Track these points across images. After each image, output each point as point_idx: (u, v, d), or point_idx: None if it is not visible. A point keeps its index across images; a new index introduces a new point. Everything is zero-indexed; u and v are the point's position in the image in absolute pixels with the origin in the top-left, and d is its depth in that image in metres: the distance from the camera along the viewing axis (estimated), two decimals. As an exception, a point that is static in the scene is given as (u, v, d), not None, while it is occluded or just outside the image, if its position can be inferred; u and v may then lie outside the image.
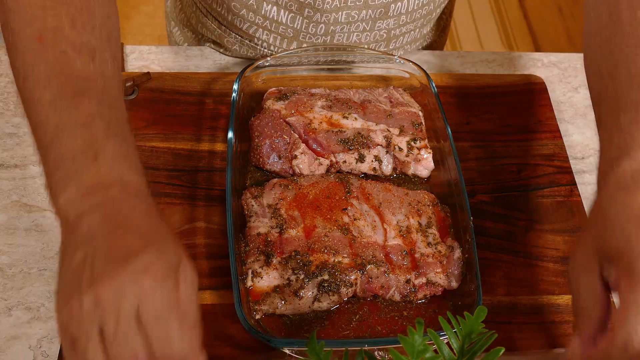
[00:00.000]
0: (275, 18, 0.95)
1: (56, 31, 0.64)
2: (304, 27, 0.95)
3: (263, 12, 0.95)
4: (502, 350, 0.56)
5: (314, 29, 0.95)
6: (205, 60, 1.02)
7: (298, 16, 0.94)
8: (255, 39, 0.99)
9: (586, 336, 0.59)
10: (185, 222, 0.83)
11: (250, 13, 0.95)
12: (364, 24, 0.96)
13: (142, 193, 0.60)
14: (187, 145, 0.90)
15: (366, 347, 0.67)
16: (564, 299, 0.80)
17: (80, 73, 0.64)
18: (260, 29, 0.97)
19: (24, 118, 0.88)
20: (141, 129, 0.91)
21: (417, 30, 1.02)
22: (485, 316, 0.60)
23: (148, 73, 0.95)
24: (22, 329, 0.75)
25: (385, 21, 0.97)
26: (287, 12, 0.94)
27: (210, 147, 0.90)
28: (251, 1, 0.94)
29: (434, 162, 0.87)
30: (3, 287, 0.78)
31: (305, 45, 0.98)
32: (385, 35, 0.99)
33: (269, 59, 0.92)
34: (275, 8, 0.94)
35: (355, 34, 0.97)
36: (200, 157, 0.89)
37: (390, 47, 1.01)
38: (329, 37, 0.96)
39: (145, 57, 1.01)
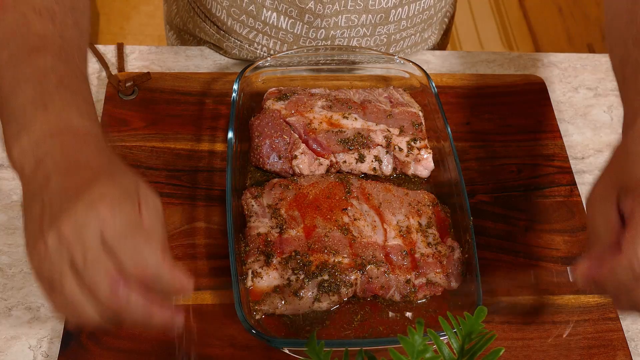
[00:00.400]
0: (275, 24, 0.95)
1: None
2: (304, 32, 0.95)
3: (263, 18, 0.95)
4: (502, 350, 0.56)
5: (314, 34, 0.95)
6: (205, 61, 1.02)
7: (298, 22, 0.94)
8: (255, 44, 0.99)
9: (595, 257, 0.60)
10: (185, 222, 0.83)
11: (250, 19, 0.95)
12: (364, 29, 0.96)
13: (92, 136, 0.61)
14: (187, 145, 0.90)
15: (366, 348, 0.67)
16: (564, 299, 0.80)
17: (38, 32, 0.65)
18: (260, 34, 0.97)
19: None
20: (141, 129, 0.91)
21: (418, 34, 1.02)
22: (485, 316, 0.60)
23: (148, 73, 0.95)
24: (22, 329, 0.75)
25: (385, 26, 0.97)
26: (287, 17, 0.94)
27: (210, 147, 0.90)
28: (251, 7, 0.94)
29: (434, 162, 0.87)
30: (3, 287, 0.78)
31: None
32: (385, 40, 0.99)
33: (268, 59, 0.92)
34: (275, 14, 0.94)
35: (355, 39, 0.97)
36: (200, 157, 0.89)
37: (391, 51, 1.01)
38: (329, 42, 0.96)
39: (145, 57, 1.01)
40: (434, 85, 0.91)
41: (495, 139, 0.94)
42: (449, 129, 0.86)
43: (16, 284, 0.78)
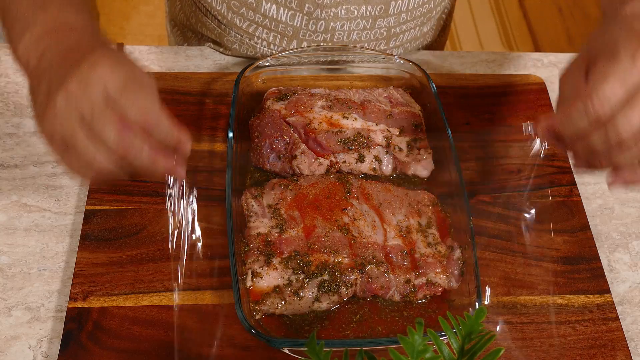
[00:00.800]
0: (274, 16, 0.95)
1: None
2: (303, 24, 0.95)
3: (262, 11, 0.95)
4: (502, 350, 0.56)
5: (314, 26, 0.95)
6: (205, 61, 1.02)
7: (298, 13, 0.94)
8: (255, 38, 0.99)
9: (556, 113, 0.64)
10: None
11: (250, 11, 0.95)
12: (364, 21, 0.96)
13: (88, 28, 0.67)
14: (187, 145, 0.90)
15: (366, 348, 0.67)
16: (564, 299, 0.80)
17: None
18: (260, 27, 0.97)
19: (24, 118, 0.88)
20: (141, 129, 0.90)
21: (417, 28, 1.02)
22: (485, 316, 0.60)
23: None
24: (22, 329, 0.75)
25: (385, 19, 0.97)
26: (286, 9, 0.94)
27: (210, 147, 0.90)
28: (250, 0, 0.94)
29: (433, 162, 0.87)
30: (3, 287, 0.78)
31: (305, 44, 0.98)
32: (385, 33, 0.99)
33: (269, 59, 0.92)
34: (274, 6, 0.94)
35: (355, 32, 0.97)
36: (200, 157, 0.89)
37: (390, 46, 1.01)
38: (329, 34, 0.96)
39: (145, 57, 1.01)
40: (433, 85, 0.90)
41: (495, 139, 0.94)
42: (449, 130, 0.86)
43: (16, 284, 0.78)
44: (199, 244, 0.81)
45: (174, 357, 0.72)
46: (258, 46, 1.00)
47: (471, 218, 0.79)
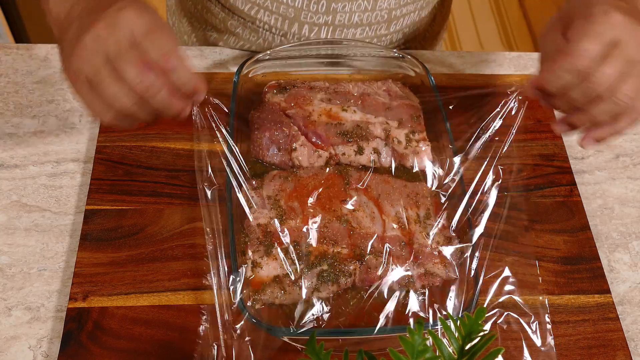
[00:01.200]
0: None
1: None
2: (304, 5, 0.95)
3: None
4: (502, 350, 0.56)
5: (315, 7, 0.95)
6: (205, 60, 1.02)
7: None
8: (257, 21, 0.99)
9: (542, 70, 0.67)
10: (185, 222, 0.83)
11: None
12: (365, 2, 0.96)
13: None
14: (186, 145, 0.90)
15: (364, 336, 0.67)
16: (564, 299, 0.80)
17: None
18: (262, 10, 0.98)
19: (24, 118, 0.88)
20: (141, 129, 0.91)
21: (417, 12, 1.02)
22: (485, 316, 0.60)
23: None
24: (22, 329, 0.75)
25: (386, 0, 0.97)
26: None
27: (209, 147, 0.90)
28: None
29: (432, 156, 0.87)
30: (3, 287, 0.78)
31: (306, 26, 0.98)
32: (386, 16, 0.99)
33: (268, 52, 0.92)
34: None
35: (356, 13, 0.97)
36: (200, 157, 0.89)
37: (391, 30, 1.01)
38: (330, 16, 0.96)
39: (145, 57, 1.01)
40: (432, 78, 0.91)
41: (494, 138, 0.94)
42: (447, 123, 0.86)
43: (16, 284, 0.78)
44: (199, 244, 0.81)
45: (174, 357, 0.72)
46: (260, 30, 1.00)
47: (469, 210, 0.79)
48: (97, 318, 0.74)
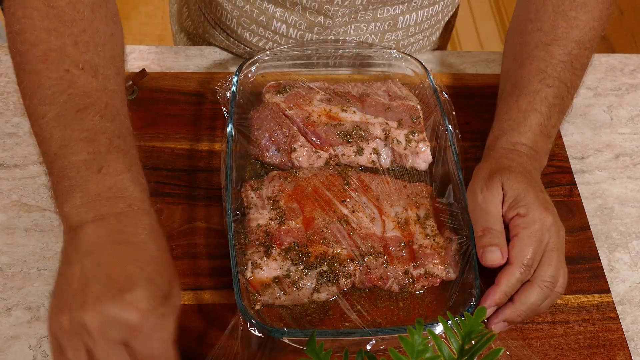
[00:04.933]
0: (284, 33, 0.96)
1: (60, 51, 0.67)
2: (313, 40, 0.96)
3: (273, 28, 0.95)
4: (502, 350, 0.56)
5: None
6: (205, 60, 1.02)
7: (307, 33, 0.95)
8: (265, 51, 0.99)
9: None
10: (185, 222, 0.83)
11: (260, 28, 0.96)
12: (372, 36, 0.97)
13: (144, 212, 0.63)
14: (186, 145, 0.90)
15: (364, 337, 0.67)
16: (564, 299, 0.80)
17: (83, 89, 0.66)
18: (270, 42, 0.98)
19: (24, 118, 0.88)
20: (141, 129, 0.91)
21: (426, 39, 1.03)
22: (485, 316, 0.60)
23: (144, 70, 0.95)
24: (22, 329, 0.75)
25: (394, 33, 0.97)
26: (296, 29, 0.94)
27: (209, 147, 0.90)
28: (261, 17, 0.94)
29: (432, 156, 0.87)
30: (3, 287, 0.78)
31: (314, 58, 0.97)
32: (394, 45, 0.99)
33: (267, 53, 0.92)
34: (284, 26, 0.95)
35: None
36: (200, 157, 0.89)
37: None
38: (338, 49, 0.97)
39: (145, 57, 1.01)
40: (432, 78, 0.91)
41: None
42: (447, 123, 0.86)
43: (16, 284, 0.78)
44: (199, 244, 0.81)
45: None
46: None
47: (468, 210, 0.79)
48: (97, 318, 0.74)
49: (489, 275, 0.81)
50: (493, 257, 0.73)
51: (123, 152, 0.65)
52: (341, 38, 0.97)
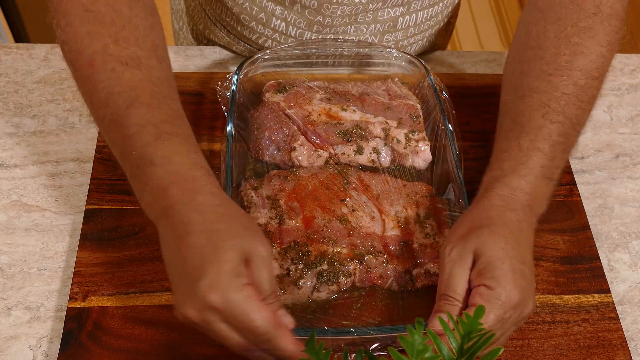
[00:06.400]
0: (284, 31, 0.96)
1: (103, 52, 0.69)
2: (312, 39, 0.96)
3: (272, 26, 0.95)
4: (501, 350, 0.56)
5: None
6: (204, 60, 1.02)
7: (307, 32, 0.95)
8: (264, 49, 0.99)
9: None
10: (185, 222, 0.82)
11: (260, 25, 0.96)
12: (372, 37, 0.97)
13: (198, 186, 0.65)
14: (186, 145, 0.90)
15: (365, 336, 0.68)
16: (564, 299, 0.80)
17: (129, 84, 0.69)
18: (270, 40, 0.98)
19: (24, 118, 0.88)
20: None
21: (426, 40, 1.03)
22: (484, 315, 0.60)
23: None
24: (22, 329, 0.75)
25: (393, 34, 0.97)
26: (295, 28, 0.95)
27: (209, 147, 0.90)
28: (261, 15, 0.94)
29: (432, 155, 0.87)
30: (3, 287, 0.78)
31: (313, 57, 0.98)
32: (393, 45, 0.99)
33: (267, 52, 0.93)
34: (284, 23, 0.95)
35: None
36: (200, 157, 0.89)
37: None
38: (338, 49, 0.97)
39: (145, 57, 1.01)
40: (431, 77, 0.91)
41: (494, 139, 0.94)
42: (447, 122, 0.86)
43: (16, 283, 0.78)
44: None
45: (174, 357, 0.72)
46: None
47: (468, 206, 0.79)
48: (97, 318, 0.74)
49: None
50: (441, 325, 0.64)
51: (170, 136, 0.67)
52: (341, 38, 0.97)
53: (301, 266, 0.75)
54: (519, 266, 0.68)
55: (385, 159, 0.88)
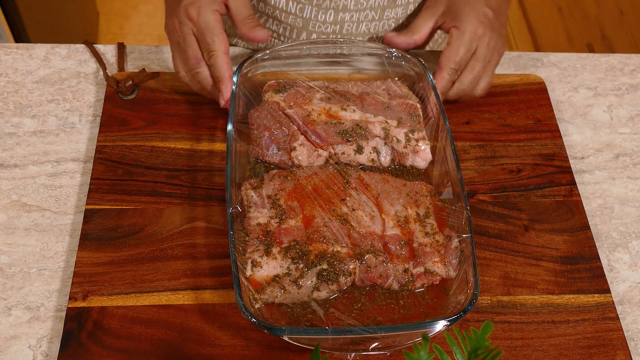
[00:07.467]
0: (284, 8, 0.96)
1: None
2: (312, 15, 0.96)
3: (272, 2, 0.96)
4: (502, 353, 0.56)
5: (323, 17, 0.96)
6: (205, 60, 1.02)
7: (307, 5, 0.95)
8: (264, 49, 0.99)
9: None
10: (185, 222, 0.83)
11: (260, 3, 0.97)
12: (372, 12, 0.97)
13: None
14: (186, 145, 0.90)
15: (365, 336, 0.68)
16: (564, 299, 0.80)
17: None
18: (270, 19, 0.98)
19: (24, 118, 0.88)
20: (141, 129, 0.91)
21: None
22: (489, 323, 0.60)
23: (144, 70, 0.95)
24: (22, 329, 0.75)
25: (393, 10, 0.98)
26: (295, 2, 0.95)
27: (209, 147, 0.90)
28: None
29: (432, 154, 0.87)
30: (3, 286, 0.78)
31: (314, 35, 0.98)
32: (393, 24, 0.99)
33: (267, 52, 0.92)
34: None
35: (364, 23, 0.98)
36: (200, 157, 0.89)
37: None
38: (338, 25, 0.97)
39: (145, 57, 1.01)
40: (431, 76, 0.91)
41: (495, 139, 0.94)
42: (447, 121, 0.86)
43: (16, 283, 0.78)
44: (199, 244, 0.81)
45: (174, 357, 0.72)
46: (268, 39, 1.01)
47: (468, 208, 0.79)
48: (97, 318, 0.74)
49: (490, 275, 0.81)
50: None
51: None
52: (340, 37, 0.97)
53: (301, 265, 0.75)
54: (482, 9, 0.88)
55: (385, 159, 0.88)
